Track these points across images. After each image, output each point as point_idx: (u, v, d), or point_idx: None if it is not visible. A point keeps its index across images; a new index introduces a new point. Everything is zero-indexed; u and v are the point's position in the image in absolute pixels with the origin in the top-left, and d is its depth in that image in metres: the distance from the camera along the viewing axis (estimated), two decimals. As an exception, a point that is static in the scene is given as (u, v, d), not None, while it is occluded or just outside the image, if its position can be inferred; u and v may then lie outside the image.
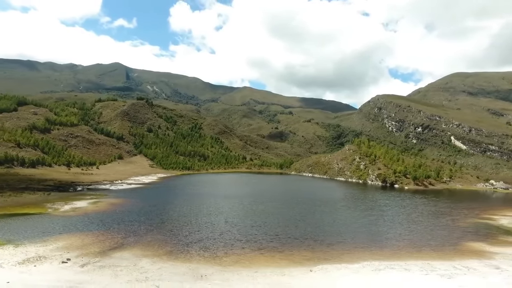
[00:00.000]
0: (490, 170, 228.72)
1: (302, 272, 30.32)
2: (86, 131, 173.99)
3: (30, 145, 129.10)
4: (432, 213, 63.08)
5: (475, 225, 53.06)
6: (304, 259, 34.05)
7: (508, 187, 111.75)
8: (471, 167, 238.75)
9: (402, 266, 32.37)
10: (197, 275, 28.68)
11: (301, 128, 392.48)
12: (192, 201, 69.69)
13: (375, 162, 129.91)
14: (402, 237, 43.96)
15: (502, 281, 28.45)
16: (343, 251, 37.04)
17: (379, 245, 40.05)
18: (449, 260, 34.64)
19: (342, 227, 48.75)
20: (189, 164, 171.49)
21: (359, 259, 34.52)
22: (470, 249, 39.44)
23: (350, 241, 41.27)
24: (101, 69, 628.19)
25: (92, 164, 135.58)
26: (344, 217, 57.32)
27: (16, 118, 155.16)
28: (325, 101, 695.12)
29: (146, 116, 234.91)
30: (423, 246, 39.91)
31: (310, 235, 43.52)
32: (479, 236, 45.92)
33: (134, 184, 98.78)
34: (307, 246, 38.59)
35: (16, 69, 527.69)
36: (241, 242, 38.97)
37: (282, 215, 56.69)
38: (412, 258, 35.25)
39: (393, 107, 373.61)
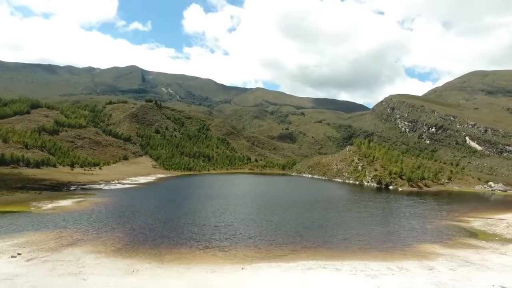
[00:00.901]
0: (506, 172, 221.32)
1: (233, 269, 31.57)
2: (93, 132, 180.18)
3: (37, 146, 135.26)
4: (408, 215, 62.67)
5: (443, 227, 52.57)
6: (244, 258, 35.24)
7: (506, 189, 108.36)
8: (486, 168, 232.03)
9: (336, 266, 33.07)
10: (129, 270, 30.47)
11: (311, 129, 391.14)
12: (171, 201, 71.92)
13: (373, 163, 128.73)
14: (357, 238, 44.33)
15: (426, 281, 28.76)
16: (288, 251, 37.99)
17: (328, 245, 40.70)
18: (388, 261, 35.00)
19: (304, 227, 49.48)
20: (191, 164, 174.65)
21: (299, 258, 35.40)
22: (419, 250, 39.52)
23: (301, 241, 42.09)
24: (118, 72, 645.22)
25: (96, 164, 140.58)
26: (315, 217, 57.88)
27: (27, 121, 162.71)
28: (338, 102, 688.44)
29: (154, 117, 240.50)
30: (372, 247, 40.26)
31: (266, 235, 44.60)
32: (439, 238, 45.68)
33: (129, 184, 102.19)
34: (256, 245, 39.72)
35: (38, 73, 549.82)
36: (193, 241, 40.53)
37: (251, 215, 57.83)
38: (352, 258, 35.79)
39: (406, 107, 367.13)
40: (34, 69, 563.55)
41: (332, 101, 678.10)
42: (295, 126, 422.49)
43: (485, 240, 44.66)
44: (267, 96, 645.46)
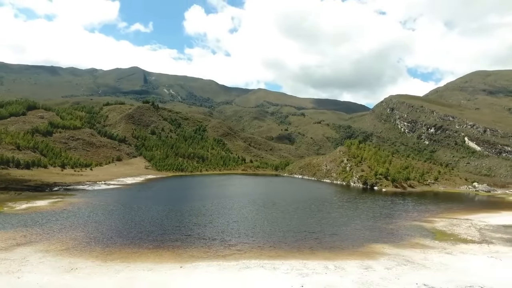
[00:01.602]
0: (504, 172, 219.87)
1: (171, 268, 32.44)
2: (88, 134, 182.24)
3: (29, 147, 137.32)
4: (378, 215, 63.06)
5: (405, 227, 52.94)
6: (189, 257, 36.08)
7: (490, 189, 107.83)
8: (485, 169, 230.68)
9: (275, 265, 33.76)
10: (69, 268, 31.47)
11: (310, 130, 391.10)
12: (146, 201, 73.06)
13: (361, 164, 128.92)
14: (313, 238, 44.94)
15: (353, 280, 29.32)
16: (235, 251, 38.72)
17: (279, 245, 41.32)
18: (330, 260, 35.57)
19: (264, 228, 50.18)
20: (184, 165, 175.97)
21: (243, 258, 36.13)
22: (368, 250, 40.03)
23: (253, 241, 42.81)
24: (120, 73, 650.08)
25: (87, 165, 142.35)
26: (282, 218, 58.56)
27: (22, 122, 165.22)
28: (340, 102, 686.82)
29: (151, 119, 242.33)
30: (323, 247, 40.83)
31: (223, 235, 45.41)
32: (394, 238, 46.11)
33: (114, 185, 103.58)
34: (207, 245, 40.51)
35: (40, 75, 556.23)
36: (147, 241, 41.42)
37: (220, 216, 58.57)
38: (296, 258, 36.42)
39: (405, 108, 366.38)
40: (37, 71, 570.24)
41: (333, 102, 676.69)
42: (295, 127, 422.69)
43: (438, 240, 45.03)
44: (269, 97, 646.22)
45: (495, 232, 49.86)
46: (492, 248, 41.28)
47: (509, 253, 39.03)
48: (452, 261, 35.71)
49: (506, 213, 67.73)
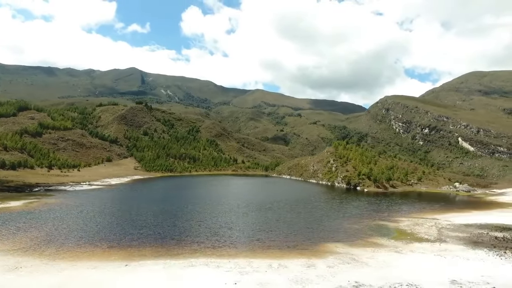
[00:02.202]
0: (497, 173, 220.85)
1: (117, 266, 33.04)
2: (78, 134, 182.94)
3: (17, 148, 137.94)
4: (347, 215, 63.62)
5: (368, 227, 53.51)
6: (140, 256, 36.63)
7: (470, 189, 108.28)
8: (477, 169, 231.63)
9: (220, 263, 34.28)
10: (13, 267, 32.10)
11: (306, 130, 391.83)
12: (120, 202, 73.72)
13: (346, 164, 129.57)
14: (271, 237, 45.53)
15: (289, 278, 29.89)
16: (189, 250, 39.27)
17: (233, 245, 41.89)
18: (277, 259, 36.09)
19: (228, 228, 50.78)
20: (174, 166, 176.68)
21: (192, 257, 36.67)
22: (320, 249, 40.59)
23: (210, 241, 43.40)
24: (118, 74, 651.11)
25: (75, 166, 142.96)
26: (248, 218, 59.17)
27: (11, 123, 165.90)
28: (337, 103, 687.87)
29: (143, 119, 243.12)
30: (276, 246, 41.35)
31: (183, 235, 46.02)
32: (352, 237, 46.67)
33: (97, 186, 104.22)
34: (162, 245, 41.02)
35: (37, 76, 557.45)
36: (103, 241, 41.96)
37: (188, 217, 59.12)
38: (244, 257, 36.93)
39: (400, 108, 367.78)
40: (34, 72, 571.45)
41: (331, 103, 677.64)
42: (291, 128, 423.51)
43: (394, 239, 45.62)
44: (266, 97, 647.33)
45: (454, 231, 50.46)
46: (442, 246, 41.88)
47: (456, 251, 39.62)
48: (397, 260, 36.31)
49: (476, 213, 68.28)
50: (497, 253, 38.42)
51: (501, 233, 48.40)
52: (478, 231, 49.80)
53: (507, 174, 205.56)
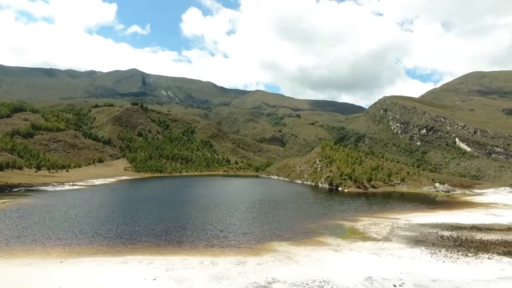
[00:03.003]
0: (493, 173, 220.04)
1: (50, 263, 34.17)
2: (71, 135, 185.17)
3: (7, 149, 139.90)
4: (309, 215, 64.32)
5: (323, 226, 54.25)
6: (79, 253, 37.84)
7: (449, 190, 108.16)
8: (474, 169, 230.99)
9: (152, 260, 35.21)
10: (-49, 263, 33.47)
11: (303, 131, 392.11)
12: (90, 201, 75.13)
13: (331, 165, 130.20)
14: (221, 236, 46.42)
15: (211, 274, 30.79)
16: (130, 248, 40.35)
17: (178, 243, 42.93)
18: (213, 256, 37.01)
19: (181, 227, 51.65)
20: (164, 167, 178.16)
21: (131, 254, 37.78)
22: (261, 247, 41.38)
23: (157, 239, 44.51)
24: (119, 75, 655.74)
25: (64, 167, 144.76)
26: (209, 218, 60.05)
27: (4, 124, 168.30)
28: (338, 103, 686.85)
29: (138, 120, 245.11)
30: (219, 245, 42.25)
31: (135, 234, 47.10)
32: (300, 236, 47.51)
33: (79, 186, 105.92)
34: (107, 243, 42.15)
35: (39, 77, 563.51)
36: (49, 239, 42.99)
37: (147, 216, 59.74)
38: (185, 254, 37.98)
39: (398, 109, 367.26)
40: (35, 73, 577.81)
41: (331, 103, 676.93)
42: (289, 128, 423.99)
43: (342, 238, 46.38)
44: (266, 98, 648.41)
45: (406, 230, 51.06)
46: (384, 245, 42.57)
47: (394, 249, 40.31)
48: (330, 258, 37.10)
49: (442, 212, 68.63)
50: (431, 252, 39.06)
51: (450, 232, 48.94)
52: (429, 230, 50.37)
53: (503, 174, 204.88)
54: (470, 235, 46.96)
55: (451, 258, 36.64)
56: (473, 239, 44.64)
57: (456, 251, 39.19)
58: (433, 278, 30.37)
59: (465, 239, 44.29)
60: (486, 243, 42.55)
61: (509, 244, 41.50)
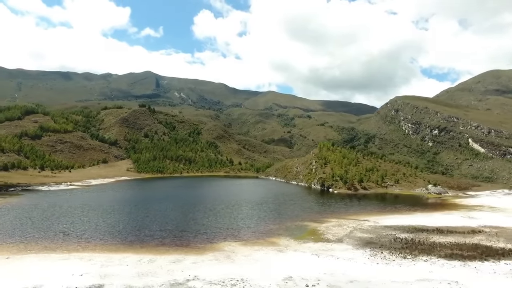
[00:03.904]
0: (507, 175, 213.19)
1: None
2: (78, 137, 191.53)
3: (14, 150, 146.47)
4: (278, 216, 64.89)
5: (287, 227, 54.66)
6: (27, 249, 40.08)
7: (441, 191, 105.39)
8: (487, 171, 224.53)
9: (93, 257, 36.90)
10: None
11: (313, 132, 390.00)
12: (74, 201, 78.07)
13: (325, 166, 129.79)
14: (177, 236, 47.79)
15: (139, 272, 32.09)
16: (81, 247, 42.26)
17: (129, 242, 44.46)
18: (158, 254, 38.31)
19: (142, 226, 53.28)
20: (165, 167, 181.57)
21: (78, 252, 39.79)
22: (210, 247, 42.42)
23: (112, 238, 46.35)
24: (133, 77, 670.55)
25: (67, 167, 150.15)
26: (179, 218, 61.48)
27: (14, 126, 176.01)
28: (351, 104, 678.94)
29: (145, 122, 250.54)
30: (174, 244, 43.78)
31: (97, 232, 49.19)
32: (257, 236, 48.34)
33: (74, 186, 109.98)
34: (63, 240, 44.63)
35: (57, 80, 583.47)
36: (11, 237, 45.58)
37: (118, 216, 61.45)
38: (128, 252, 39.68)
39: (410, 109, 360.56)
40: (53, 76, 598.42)
41: (344, 104, 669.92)
42: (299, 129, 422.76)
43: (295, 239, 46.84)
44: (278, 99, 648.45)
45: (365, 232, 50.93)
46: (332, 246, 42.82)
47: (338, 251, 40.48)
48: (269, 258, 37.73)
49: (418, 215, 67.59)
50: (373, 253, 39.09)
51: (408, 235, 48.55)
52: (388, 233, 50.11)
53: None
54: (426, 238, 46.51)
55: (388, 260, 36.66)
56: (425, 241, 44.24)
57: (398, 253, 39.10)
58: (352, 279, 30.66)
59: (418, 242, 43.96)
60: (435, 245, 42.15)
61: (457, 247, 41.01)
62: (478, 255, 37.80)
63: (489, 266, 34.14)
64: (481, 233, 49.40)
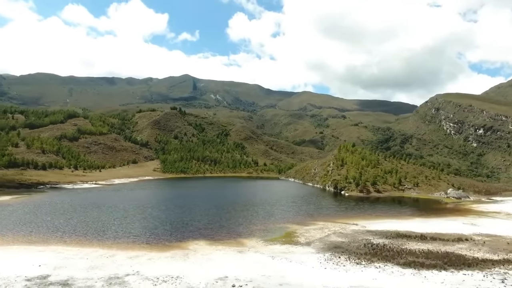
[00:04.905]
0: None
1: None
2: (112, 139, 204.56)
3: (53, 151, 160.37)
4: (267, 218, 64.81)
5: (267, 228, 54.54)
6: (12, 242, 44.55)
7: (462, 196, 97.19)
8: None
9: (59, 250, 40.45)
10: None
11: (345, 133, 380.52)
12: (78, 200, 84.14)
13: (342, 168, 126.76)
14: (153, 234, 50.15)
15: (91, 264, 34.81)
16: (66, 240, 46.34)
17: (100, 238, 47.58)
18: (121, 250, 40.87)
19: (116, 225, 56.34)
20: (190, 168, 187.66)
21: (57, 245, 43.60)
22: (179, 245, 44.06)
23: (92, 235, 49.89)
24: (172, 81, 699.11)
25: (98, 167, 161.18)
26: (166, 217, 63.79)
27: (56, 129, 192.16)
28: (390, 103, 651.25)
29: (176, 124, 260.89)
30: (146, 241, 46.19)
31: (77, 229, 53.29)
32: (229, 236, 49.19)
33: (97, 185, 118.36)
34: (46, 234, 49.15)
35: (103, 85, 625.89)
36: (5, 231, 50.78)
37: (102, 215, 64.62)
38: (96, 247, 42.74)
39: (452, 107, 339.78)
40: (100, 82, 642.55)
41: (382, 103, 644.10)
42: (332, 130, 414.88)
43: (264, 241, 46.92)
44: (313, 99, 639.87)
45: (341, 236, 49.59)
46: (296, 249, 42.40)
47: (296, 254, 39.90)
48: (223, 258, 38.48)
49: (415, 220, 63.74)
50: (330, 258, 38.21)
51: (385, 240, 46.56)
52: (365, 237, 48.45)
53: None
54: (401, 244, 44.42)
55: (339, 265, 35.83)
56: (396, 248, 42.32)
57: (357, 259, 37.97)
58: (285, 282, 30.63)
59: (388, 248, 42.19)
60: (403, 252, 40.24)
61: (424, 255, 38.84)
62: (441, 264, 35.62)
63: (443, 276, 32.19)
64: (466, 241, 46.08)
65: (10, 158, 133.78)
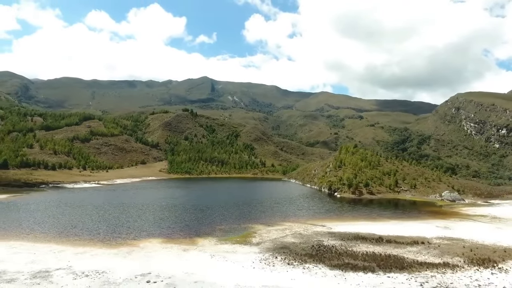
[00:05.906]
0: None
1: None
2: (123, 140, 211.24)
3: (64, 152, 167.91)
4: (241, 217, 65.73)
5: (231, 228, 54.96)
6: None
7: (456, 198, 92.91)
8: None
9: (37, 248, 43.07)
10: None
11: (361, 133, 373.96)
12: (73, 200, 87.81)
13: (339, 169, 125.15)
14: (115, 233, 52.12)
15: (33, 258, 36.94)
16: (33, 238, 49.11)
17: (55, 235, 50.07)
18: (74, 247, 43.01)
19: (107, 224, 58.95)
20: (195, 169, 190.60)
21: (40, 241, 46.36)
22: (130, 243, 45.44)
23: (56, 232, 52.46)
24: (191, 83, 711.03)
25: (106, 168, 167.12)
26: (140, 218, 65.83)
27: (70, 131, 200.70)
28: (410, 103, 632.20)
29: (187, 125, 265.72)
30: (102, 239, 48.09)
31: (57, 227, 56.11)
32: (187, 235, 50.26)
33: (97, 185, 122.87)
34: (30, 230, 51.96)
35: (124, 88, 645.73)
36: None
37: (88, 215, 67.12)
38: (66, 245, 45.04)
39: (473, 107, 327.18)
40: (121, 85, 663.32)
41: (402, 103, 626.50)
42: (347, 130, 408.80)
43: (217, 240, 47.41)
44: (330, 100, 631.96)
45: (296, 238, 49.37)
46: (242, 249, 42.64)
47: (239, 253, 40.38)
48: (162, 255, 39.62)
49: (388, 222, 62.11)
50: (266, 258, 38.35)
51: (337, 242, 46.07)
52: (320, 239, 48.06)
53: None
54: (349, 246, 43.83)
55: (269, 265, 36.00)
56: (341, 250, 41.83)
57: (292, 259, 37.97)
58: (200, 279, 31.33)
59: (333, 250, 41.80)
60: (344, 254, 39.79)
61: (364, 257, 38.20)
62: (374, 266, 35.09)
63: (364, 278, 31.78)
64: (422, 244, 44.81)
65: (22, 159, 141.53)
